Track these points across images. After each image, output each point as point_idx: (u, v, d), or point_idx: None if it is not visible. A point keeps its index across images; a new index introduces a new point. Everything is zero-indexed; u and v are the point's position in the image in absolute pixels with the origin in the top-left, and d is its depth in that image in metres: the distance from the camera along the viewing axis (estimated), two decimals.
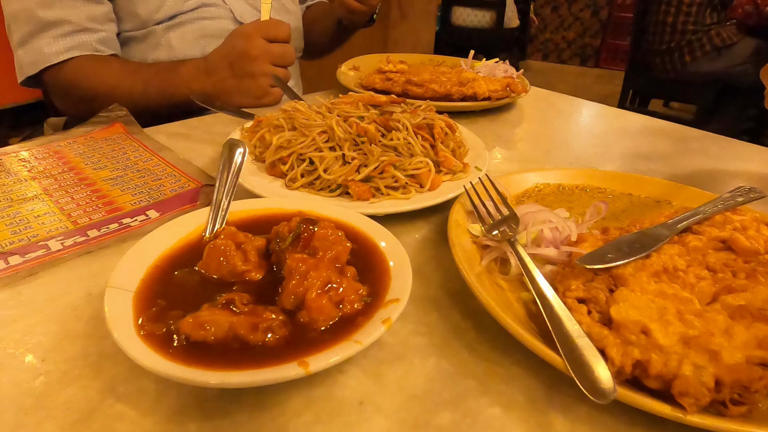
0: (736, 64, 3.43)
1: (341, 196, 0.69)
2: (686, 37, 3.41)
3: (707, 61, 3.46)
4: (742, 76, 3.45)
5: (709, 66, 3.46)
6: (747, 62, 3.41)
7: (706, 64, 3.47)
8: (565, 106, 1.25)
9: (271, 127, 0.76)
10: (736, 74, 3.45)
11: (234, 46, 1.02)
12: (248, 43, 1.00)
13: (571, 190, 0.75)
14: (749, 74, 3.40)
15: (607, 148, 1.00)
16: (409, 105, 0.85)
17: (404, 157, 0.73)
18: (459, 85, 1.08)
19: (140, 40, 1.22)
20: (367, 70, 1.30)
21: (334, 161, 0.70)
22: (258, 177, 0.72)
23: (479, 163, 0.77)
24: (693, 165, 0.94)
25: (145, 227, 0.64)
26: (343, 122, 0.75)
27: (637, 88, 4.03)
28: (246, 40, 1.01)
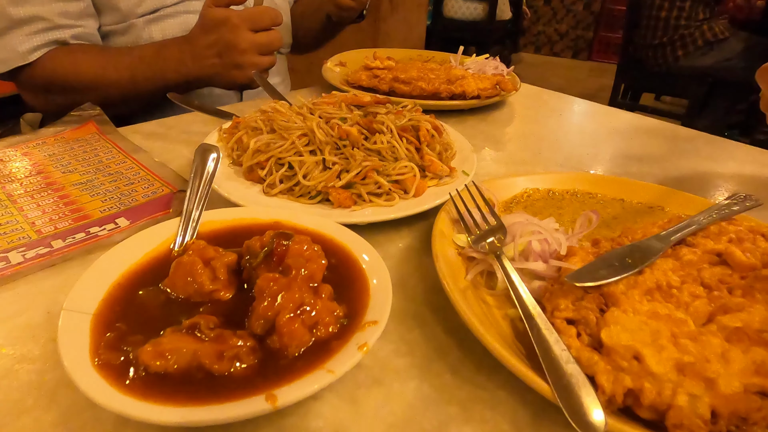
0: (727, 59, 3.42)
1: (322, 203, 0.66)
2: (679, 31, 3.39)
3: (699, 55, 3.44)
4: (733, 71, 3.44)
5: (701, 60, 3.45)
6: (738, 57, 3.40)
7: (698, 59, 3.45)
8: (556, 103, 1.22)
9: (249, 129, 0.73)
10: (727, 69, 3.44)
11: (222, 36, 0.99)
12: (237, 36, 0.98)
13: (561, 196, 0.73)
14: (740, 68, 3.40)
15: (598, 148, 0.97)
16: (394, 106, 0.81)
17: (388, 161, 0.70)
18: (447, 83, 1.05)
19: (121, 34, 1.17)
20: (353, 65, 1.26)
21: (314, 166, 0.66)
22: (234, 182, 0.68)
23: (467, 166, 0.74)
24: (685, 167, 0.92)
25: (114, 237, 0.61)
26: (325, 124, 0.71)
27: (629, 82, 4.01)
28: (234, 33, 0.98)
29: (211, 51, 1.01)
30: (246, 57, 1.00)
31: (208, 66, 1.02)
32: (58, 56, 1.04)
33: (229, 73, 1.02)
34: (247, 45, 0.99)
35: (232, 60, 1.00)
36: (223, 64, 1.01)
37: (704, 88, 3.60)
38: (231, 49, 0.99)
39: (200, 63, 1.02)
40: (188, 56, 1.02)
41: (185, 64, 1.03)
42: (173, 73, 1.03)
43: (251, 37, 0.99)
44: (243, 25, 0.99)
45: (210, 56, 1.01)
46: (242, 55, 0.99)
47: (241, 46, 0.99)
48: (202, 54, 1.02)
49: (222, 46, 1.00)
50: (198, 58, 1.02)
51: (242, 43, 0.98)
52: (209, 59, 1.01)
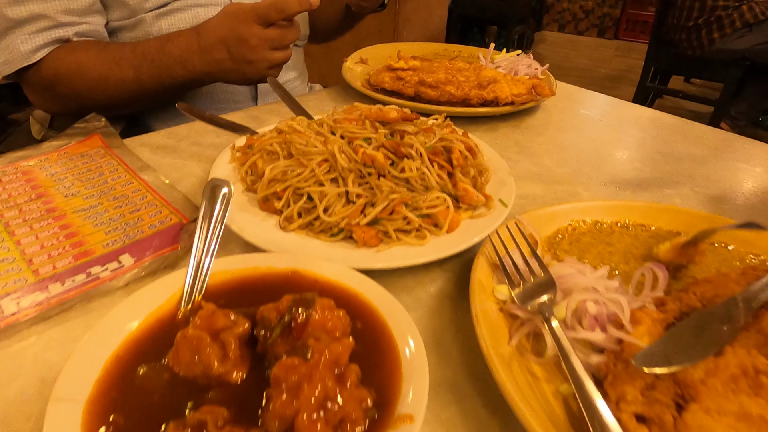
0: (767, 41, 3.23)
1: (345, 239, 0.59)
2: (716, 12, 3.20)
3: (736, 38, 3.26)
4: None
5: (739, 43, 3.26)
6: None
7: (735, 41, 3.26)
8: (594, 105, 1.13)
9: (264, 153, 0.66)
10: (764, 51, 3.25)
11: (232, 31, 0.94)
12: (247, 30, 0.93)
13: (609, 228, 0.65)
14: None
15: (644, 162, 0.89)
16: (422, 122, 0.74)
17: (418, 191, 0.63)
18: (478, 87, 0.97)
19: (129, 29, 1.11)
20: (375, 63, 1.18)
21: (336, 199, 0.60)
22: (248, 214, 0.62)
23: (504, 194, 0.67)
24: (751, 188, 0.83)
25: (116, 281, 0.55)
26: (348, 146, 0.64)
27: (659, 65, 3.83)
28: (245, 27, 0.93)
29: (220, 46, 0.95)
30: (257, 53, 0.94)
31: (217, 61, 0.96)
32: (60, 55, 0.99)
33: (240, 69, 0.97)
34: (257, 41, 0.93)
35: (242, 56, 0.94)
36: (232, 59, 0.95)
37: (740, 72, 3.42)
38: (241, 44, 0.93)
39: (208, 58, 0.96)
40: (195, 52, 0.96)
41: (192, 60, 0.96)
42: (180, 69, 0.97)
43: (261, 33, 0.93)
44: (254, 19, 0.92)
45: (218, 51, 0.95)
46: (253, 51, 0.94)
47: (251, 42, 0.93)
48: (209, 49, 0.95)
49: (231, 42, 0.94)
50: (205, 53, 0.96)
51: (252, 39, 0.93)
52: (217, 54, 0.95)
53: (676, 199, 0.78)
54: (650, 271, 0.52)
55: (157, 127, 1.22)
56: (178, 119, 1.20)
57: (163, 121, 1.22)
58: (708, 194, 0.80)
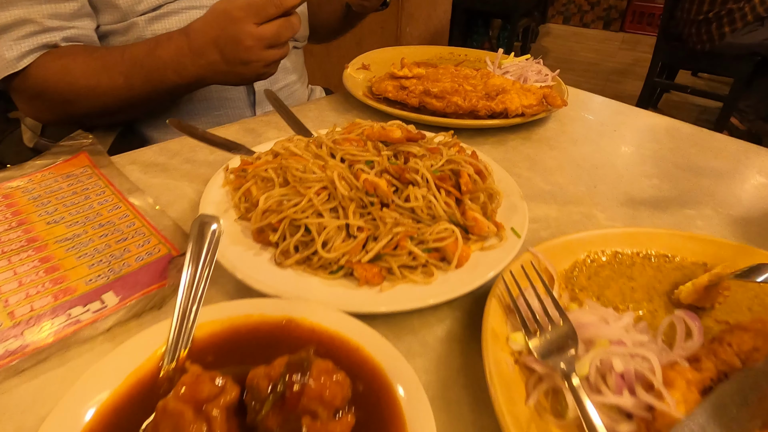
0: None
1: (345, 276, 0.55)
2: (727, 5, 3.12)
3: (748, 32, 3.18)
4: None
5: (750, 37, 3.18)
6: None
7: (746, 36, 3.19)
8: (607, 114, 1.08)
9: (259, 179, 0.62)
10: None
11: (224, 31, 0.88)
12: (241, 30, 0.87)
13: (630, 260, 0.61)
14: None
15: (663, 178, 0.84)
16: (428, 141, 0.69)
17: (424, 222, 0.58)
18: (486, 97, 0.92)
19: (121, 33, 1.06)
20: (377, 68, 1.13)
21: (336, 232, 0.55)
22: (241, 246, 0.58)
23: (516, 221, 0.62)
24: None
25: (99, 324, 0.51)
26: (349, 172, 0.60)
27: (667, 60, 3.75)
28: (238, 26, 0.87)
29: (212, 48, 0.89)
30: (252, 53, 0.88)
31: (210, 65, 0.90)
32: (46, 62, 0.94)
33: (234, 71, 0.91)
34: (252, 41, 0.87)
35: (236, 57, 0.89)
36: (226, 61, 0.90)
37: (751, 66, 3.34)
38: (235, 45, 0.87)
39: (200, 61, 0.90)
40: (187, 55, 0.91)
41: (184, 64, 0.91)
42: (172, 74, 0.92)
43: (256, 31, 0.87)
44: (246, 17, 0.86)
45: (210, 54, 0.90)
46: (248, 52, 0.88)
47: (245, 42, 0.87)
48: (201, 52, 0.90)
49: (223, 43, 0.88)
50: (197, 56, 0.90)
51: (246, 39, 0.87)
52: (210, 56, 0.90)
53: (698, 221, 0.73)
54: (681, 321, 0.47)
55: (152, 135, 1.18)
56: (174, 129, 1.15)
57: (158, 129, 1.18)
58: (732, 215, 0.75)
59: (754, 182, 0.84)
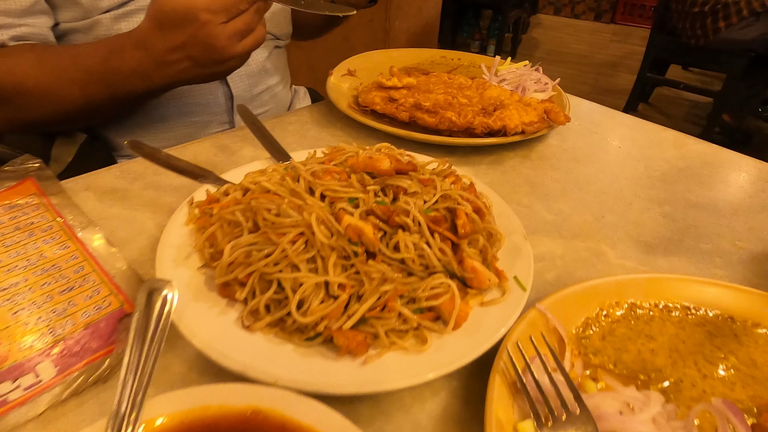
0: None
1: (325, 343, 0.47)
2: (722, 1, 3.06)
3: (742, 27, 3.13)
4: None
5: (744, 33, 3.13)
6: None
7: (740, 31, 3.13)
8: (610, 127, 1.01)
9: (225, 222, 0.53)
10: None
11: (192, 37, 0.77)
12: (211, 34, 0.76)
13: (648, 314, 0.54)
14: None
15: (675, 206, 0.77)
16: (421, 170, 0.61)
17: (416, 274, 0.51)
18: (483, 113, 0.84)
19: (84, 32, 0.96)
20: (365, 74, 1.04)
21: (313, 290, 0.47)
22: (204, 303, 0.50)
23: (520, 268, 0.55)
24: None
25: (30, 406, 0.43)
26: (329, 214, 0.52)
27: (660, 54, 3.69)
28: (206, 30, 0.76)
29: (180, 55, 0.79)
30: (226, 51, 0.80)
31: (180, 71, 0.81)
32: None
33: (209, 72, 0.83)
34: (225, 40, 0.78)
35: (210, 60, 0.80)
36: (199, 65, 0.81)
37: (744, 62, 3.29)
38: (206, 49, 0.78)
39: (168, 71, 0.81)
40: (149, 66, 0.81)
41: (148, 76, 0.82)
42: (139, 83, 0.83)
43: (227, 30, 0.77)
44: (215, 18, 0.75)
45: (179, 61, 0.80)
46: (223, 51, 0.79)
47: (218, 43, 0.77)
48: (167, 60, 0.80)
49: (193, 49, 0.78)
50: (163, 65, 0.80)
51: (220, 40, 0.77)
52: (179, 64, 0.80)
53: (716, 257, 0.67)
54: (723, 416, 0.41)
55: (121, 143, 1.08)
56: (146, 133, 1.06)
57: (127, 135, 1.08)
58: (753, 251, 0.68)
59: None
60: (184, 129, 1.09)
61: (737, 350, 0.50)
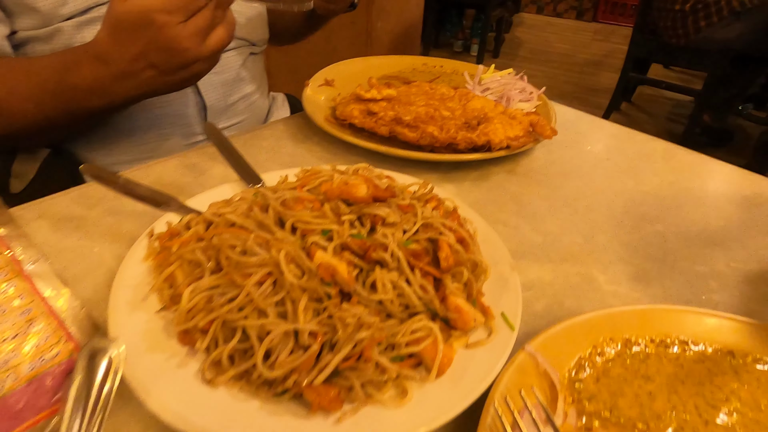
0: (753, 31, 3.13)
1: (295, 398, 0.43)
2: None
3: (723, 26, 3.14)
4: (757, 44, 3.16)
5: (725, 32, 3.15)
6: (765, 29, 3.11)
7: (721, 30, 3.15)
8: (598, 138, 0.98)
9: (185, 262, 0.49)
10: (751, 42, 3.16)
11: (151, 43, 0.71)
12: (170, 36, 0.70)
13: (644, 351, 0.50)
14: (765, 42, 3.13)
15: (666, 224, 0.74)
16: (400, 194, 0.57)
17: (394, 316, 0.47)
18: (466, 127, 0.80)
19: (44, 40, 0.90)
20: (343, 84, 1.00)
21: (282, 339, 0.43)
22: (161, 354, 0.45)
23: (507, 303, 0.51)
24: None
25: None
26: (299, 248, 0.48)
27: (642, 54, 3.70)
28: (165, 33, 0.70)
29: (141, 64, 0.73)
30: (190, 53, 0.73)
31: (144, 83, 0.75)
32: None
33: (176, 78, 0.76)
34: (187, 42, 0.71)
35: (173, 65, 0.74)
36: (162, 72, 0.75)
37: (726, 62, 3.31)
38: (167, 53, 0.72)
39: (130, 83, 0.75)
40: (109, 80, 0.75)
41: (108, 91, 0.76)
42: (97, 100, 0.77)
43: (187, 29, 0.70)
44: (172, 18, 0.69)
45: (141, 70, 0.74)
46: (186, 54, 0.73)
47: (180, 45, 0.71)
48: (127, 71, 0.74)
49: (154, 55, 0.72)
50: (123, 77, 0.74)
51: (182, 41, 0.71)
52: (142, 74, 0.74)
53: (712, 281, 0.64)
54: None
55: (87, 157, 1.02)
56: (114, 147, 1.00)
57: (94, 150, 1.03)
58: (748, 273, 0.65)
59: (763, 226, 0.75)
60: (154, 142, 1.04)
61: (739, 390, 0.47)
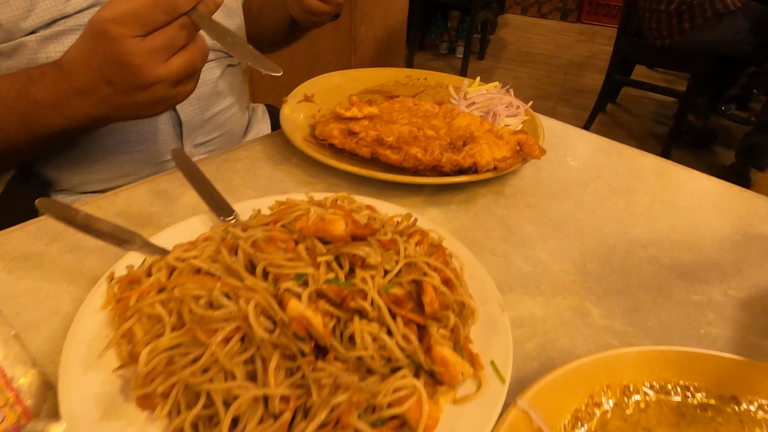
0: (735, 33, 3.14)
1: None
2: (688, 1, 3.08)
3: (707, 28, 3.15)
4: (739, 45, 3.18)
5: (708, 34, 3.16)
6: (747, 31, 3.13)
7: (705, 32, 3.16)
8: (586, 154, 0.95)
9: (145, 316, 0.44)
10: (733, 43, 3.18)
11: (102, 54, 0.66)
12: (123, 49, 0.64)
13: (644, 401, 0.47)
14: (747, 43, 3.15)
15: (660, 248, 0.71)
16: (381, 231, 0.53)
17: (375, 371, 0.43)
18: (451, 148, 0.76)
19: (7, 56, 0.85)
20: (323, 99, 0.96)
21: (250, 406, 0.39)
22: (117, 422, 0.40)
23: (496, 349, 0.48)
24: None
25: None
26: (271, 293, 0.44)
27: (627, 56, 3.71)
28: (118, 46, 0.64)
29: (98, 80, 0.67)
30: (144, 73, 0.66)
31: (103, 101, 0.69)
32: None
33: (136, 100, 0.69)
34: (140, 58, 0.64)
35: (128, 83, 0.67)
36: (120, 92, 0.68)
37: (710, 64, 3.33)
38: (119, 69, 0.66)
39: (90, 100, 0.69)
40: (69, 94, 0.69)
41: (69, 106, 0.70)
42: (56, 117, 0.71)
43: (142, 45, 0.64)
44: (126, 30, 0.63)
45: (99, 88, 0.68)
46: (138, 72, 0.65)
47: (133, 61, 0.64)
48: (87, 88, 0.68)
49: (107, 69, 0.66)
50: (82, 92, 0.69)
51: (135, 57, 0.64)
52: (99, 90, 0.68)
53: (709, 312, 0.61)
54: None
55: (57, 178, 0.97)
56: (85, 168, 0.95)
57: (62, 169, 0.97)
58: (745, 300, 0.63)
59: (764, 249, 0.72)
60: (127, 161, 0.99)
61: None
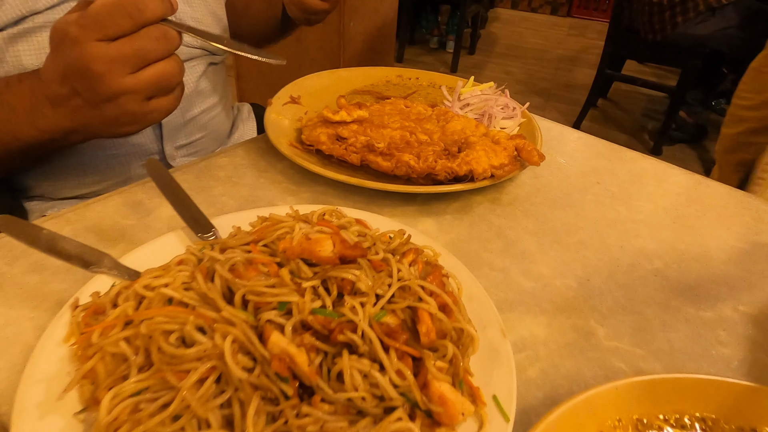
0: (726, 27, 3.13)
1: None
2: None
3: (699, 22, 3.13)
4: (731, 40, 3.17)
5: (700, 28, 3.14)
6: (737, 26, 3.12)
7: (697, 26, 3.14)
8: (585, 157, 0.91)
9: (108, 355, 0.40)
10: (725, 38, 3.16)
11: (69, 59, 0.60)
12: (83, 54, 0.58)
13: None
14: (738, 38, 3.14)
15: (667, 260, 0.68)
16: (372, 250, 0.49)
17: (366, 411, 0.39)
18: (446, 155, 0.72)
19: None
20: (311, 101, 0.91)
21: None
22: None
23: (498, 381, 0.44)
24: None
25: None
26: (250, 324, 0.39)
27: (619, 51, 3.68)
28: (77, 50, 0.58)
29: (65, 87, 0.62)
30: (109, 82, 0.59)
31: (72, 110, 0.64)
32: None
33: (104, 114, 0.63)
34: (102, 65, 0.58)
35: (93, 92, 0.61)
36: (87, 102, 0.62)
37: (701, 59, 3.31)
38: (82, 76, 0.60)
39: (62, 110, 0.65)
40: (41, 98, 0.65)
41: (43, 114, 0.65)
42: (28, 127, 0.67)
43: (104, 51, 0.58)
44: (86, 33, 0.58)
45: (68, 95, 0.63)
46: (101, 81, 0.59)
47: (94, 68, 0.58)
48: (57, 94, 0.63)
49: (72, 76, 0.61)
50: (55, 101, 0.64)
51: (98, 63, 0.58)
52: (70, 100, 0.63)
53: (720, 330, 0.57)
54: None
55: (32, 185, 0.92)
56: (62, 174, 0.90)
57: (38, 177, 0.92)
58: (757, 317, 0.59)
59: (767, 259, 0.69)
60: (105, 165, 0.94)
61: None
